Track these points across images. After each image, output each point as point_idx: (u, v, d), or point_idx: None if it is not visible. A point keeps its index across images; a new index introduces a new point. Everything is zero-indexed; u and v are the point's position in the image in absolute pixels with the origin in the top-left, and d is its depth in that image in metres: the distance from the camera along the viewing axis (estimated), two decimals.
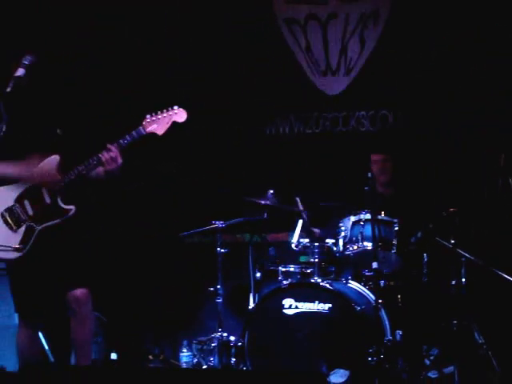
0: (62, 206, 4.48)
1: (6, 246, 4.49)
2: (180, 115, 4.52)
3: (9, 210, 4.52)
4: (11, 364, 5.40)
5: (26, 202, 4.50)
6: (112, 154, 4.38)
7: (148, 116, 4.48)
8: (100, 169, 4.46)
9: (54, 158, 4.43)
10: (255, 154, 6.56)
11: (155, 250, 6.49)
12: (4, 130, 3.96)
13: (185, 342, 6.17)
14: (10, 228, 4.50)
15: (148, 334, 6.62)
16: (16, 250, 4.50)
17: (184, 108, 4.51)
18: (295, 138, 6.64)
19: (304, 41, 6.63)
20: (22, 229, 4.50)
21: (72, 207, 4.50)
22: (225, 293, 5.79)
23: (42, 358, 5.03)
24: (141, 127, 4.46)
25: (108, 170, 4.43)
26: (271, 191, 5.72)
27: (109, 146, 4.40)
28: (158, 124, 4.46)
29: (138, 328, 6.56)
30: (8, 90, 4.07)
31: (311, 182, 6.30)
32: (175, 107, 4.52)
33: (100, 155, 4.39)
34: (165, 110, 4.52)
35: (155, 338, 6.57)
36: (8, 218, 4.51)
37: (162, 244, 6.48)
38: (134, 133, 4.45)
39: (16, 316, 5.81)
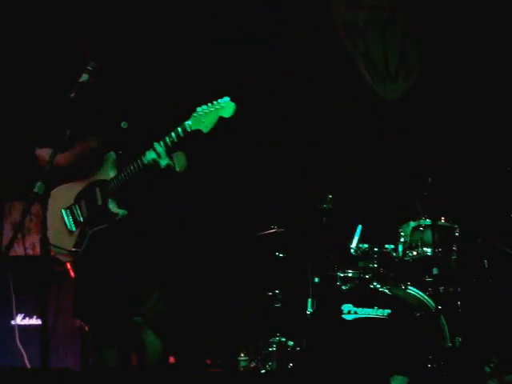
0: (111, 209, 4.30)
1: (60, 249, 4.39)
2: (227, 109, 4.08)
3: (69, 208, 4.40)
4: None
5: (83, 203, 4.37)
6: (152, 156, 4.17)
7: (197, 110, 4.12)
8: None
9: (111, 156, 4.31)
10: (315, 158, 6.56)
11: (213, 254, 6.51)
12: (68, 134, 3.95)
13: (243, 347, 6.19)
14: (67, 228, 4.39)
15: (206, 338, 6.65)
16: (70, 253, 4.39)
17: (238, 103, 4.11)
18: (354, 142, 6.62)
19: (363, 45, 6.63)
20: (77, 231, 4.38)
21: (119, 211, 4.30)
22: (283, 297, 5.81)
23: None
24: (186, 124, 4.12)
25: (154, 172, 4.21)
26: (330, 196, 5.72)
27: (154, 145, 4.18)
28: (203, 120, 4.10)
29: (196, 332, 6.59)
30: (72, 95, 4.09)
31: (371, 188, 6.28)
32: (221, 100, 4.10)
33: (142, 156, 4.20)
34: (210, 104, 4.12)
35: (213, 341, 6.60)
36: (66, 218, 4.40)
37: (219, 248, 6.50)
38: (178, 130, 4.14)
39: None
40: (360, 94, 6.62)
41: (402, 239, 5.60)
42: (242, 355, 6.14)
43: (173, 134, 4.13)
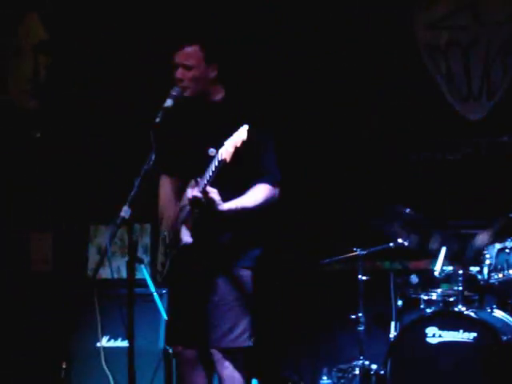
0: (180, 235, 4.28)
1: (156, 269, 4.48)
2: (239, 140, 3.92)
3: (165, 231, 4.46)
4: None
5: (172, 226, 4.39)
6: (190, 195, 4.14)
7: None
8: None
9: (191, 182, 4.23)
10: (397, 180, 6.51)
11: (295, 277, 6.50)
12: (153, 159, 4.00)
13: (325, 370, 6.16)
14: (161, 252, 4.48)
15: (288, 361, 6.64)
16: (159, 273, 4.47)
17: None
18: (437, 164, 6.56)
19: (445, 66, 6.58)
20: (163, 255, 4.45)
21: (184, 239, 4.26)
22: (366, 320, 5.77)
23: None
24: (219, 151, 3.97)
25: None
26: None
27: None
28: (227, 149, 3.94)
29: (278, 354, 6.59)
30: (157, 120, 4.14)
31: (454, 209, 6.22)
32: (239, 129, 3.95)
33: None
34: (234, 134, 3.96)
35: (295, 364, 6.59)
36: (163, 240, 4.47)
37: (302, 272, 6.48)
38: (215, 161, 4.01)
39: (161, 341, 5.98)
40: (442, 114, 6.56)
41: (487, 261, 5.52)
42: (325, 378, 6.10)
43: (213, 163, 4.04)
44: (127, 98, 6.75)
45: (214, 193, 4.10)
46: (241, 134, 3.94)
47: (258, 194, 4.31)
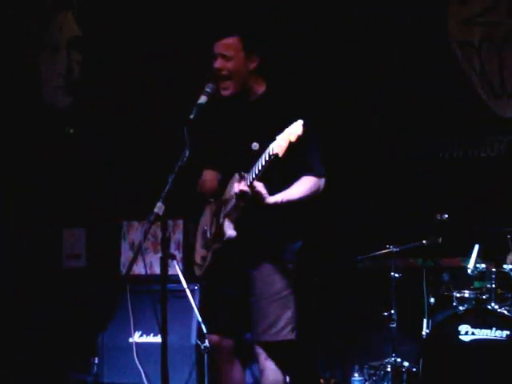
0: (223, 228, 4.25)
1: (195, 263, 4.49)
2: (293, 135, 3.91)
3: (206, 225, 4.46)
4: None
5: (214, 220, 4.38)
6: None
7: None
8: None
9: (235, 176, 4.22)
10: (427, 178, 6.49)
11: (329, 274, 6.50)
12: (187, 155, 4.01)
13: (356, 367, 6.15)
14: (202, 246, 4.48)
15: (320, 358, 6.64)
16: (198, 266, 4.48)
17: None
18: (469, 161, 6.53)
19: (478, 63, 6.54)
20: (204, 248, 4.44)
21: (228, 232, 4.24)
22: (398, 318, 5.76)
23: None
24: (270, 146, 3.96)
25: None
26: (445, 215, 5.65)
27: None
28: (279, 143, 3.92)
29: (310, 351, 6.58)
30: (191, 116, 4.15)
31: (486, 207, 6.18)
32: (294, 124, 3.93)
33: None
34: (287, 128, 3.95)
35: (327, 361, 6.59)
36: (203, 236, 4.47)
37: (336, 268, 6.47)
38: (266, 154, 4.00)
39: (193, 336, 6.01)
40: (475, 111, 6.52)
41: None
42: (357, 375, 6.09)
43: (263, 156, 4.02)
44: (162, 94, 6.78)
45: (261, 187, 4.09)
46: (296, 129, 3.92)
47: (303, 186, 4.29)
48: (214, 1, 6.73)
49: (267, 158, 3.99)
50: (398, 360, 5.72)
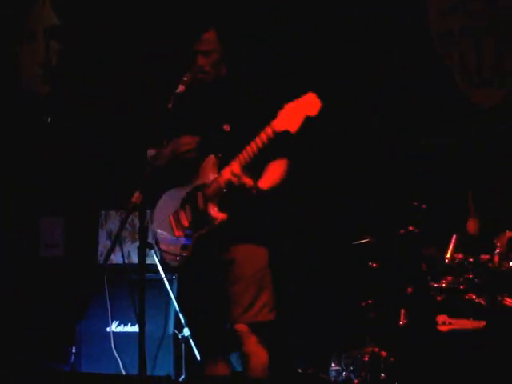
0: (211, 213, 4.25)
1: (170, 254, 4.41)
2: (312, 108, 3.92)
3: (175, 213, 4.41)
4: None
5: (187, 207, 4.35)
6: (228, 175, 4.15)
7: (284, 108, 4.00)
8: None
9: (210, 158, 4.28)
10: (409, 166, 6.49)
11: (307, 263, 6.50)
12: (166, 144, 4.02)
13: (334, 356, 6.15)
14: (172, 233, 4.40)
15: (297, 347, 6.65)
16: (178, 257, 4.40)
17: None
18: (449, 150, 6.54)
19: (457, 53, 6.55)
20: (182, 236, 4.38)
21: (218, 216, 4.24)
22: (376, 307, 5.77)
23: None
24: (273, 124, 4.00)
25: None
26: (424, 205, 5.66)
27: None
28: (290, 119, 3.94)
29: (287, 340, 6.59)
30: (169, 106, 4.16)
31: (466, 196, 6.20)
32: (305, 96, 3.95)
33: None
34: (296, 100, 3.98)
35: (304, 351, 6.59)
36: (173, 223, 4.41)
37: (313, 258, 6.47)
38: (267, 131, 4.03)
39: (171, 326, 6.00)
40: (453, 100, 6.53)
41: (498, 249, 5.51)
42: (334, 365, 6.10)
43: (263, 135, 4.05)
44: (140, 81, 6.75)
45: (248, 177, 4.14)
46: (312, 102, 3.96)
47: (281, 171, 4.33)
48: None
49: (272, 136, 3.99)
50: (376, 350, 5.73)
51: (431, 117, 6.51)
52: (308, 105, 3.96)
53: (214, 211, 4.23)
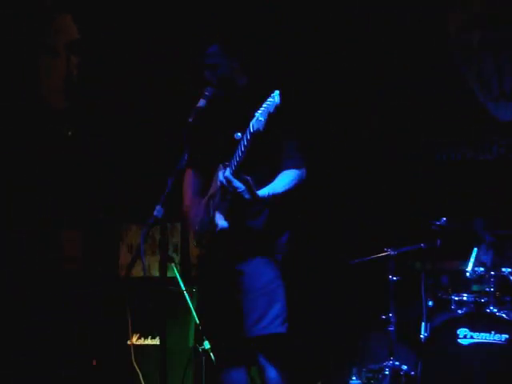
0: (215, 221, 4.24)
1: (192, 264, 4.49)
2: (272, 105, 3.89)
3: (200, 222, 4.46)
4: None
5: (205, 216, 4.39)
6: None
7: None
8: None
9: (219, 168, 4.25)
10: (426, 180, 6.49)
11: (326, 276, 6.49)
12: (186, 158, 4.03)
13: (354, 370, 6.14)
14: (195, 242, 4.45)
15: (317, 361, 6.63)
16: (194, 268, 4.49)
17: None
18: (467, 164, 6.53)
19: (476, 66, 6.54)
20: (198, 247, 4.44)
21: (220, 223, 4.23)
22: (397, 321, 5.75)
23: None
24: (250, 124, 3.96)
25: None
26: (444, 218, 5.65)
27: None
28: (260, 118, 3.92)
29: (307, 354, 6.58)
30: (190, 120, 4.17)
31: (484, 210, 6.18)
32: (271, 96, 3.91)
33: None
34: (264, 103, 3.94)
35: (325, 364, 6.58)
36: (195, 235, 4.46)
37: (332, 271, 6.46)
38: (245, 137, 4.00)
39: (191, 338, 6.00)
40: (473, 114, 6.52)
41: None
42: (354, 378, 6.08)
43: (244, 137, 4.03)
44: (161, 96, 6.78)
45: (248, 180, 4.11)
46: (274, 100, 3.93)
47: (286, 180, 4.31)
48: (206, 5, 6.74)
49: (248, 137, 3.98)
50: (397, 363, 5.71)
51: (449, 129, 6.51)
52: (270, 103, 3.92)
53: (218, 219, 4.24)
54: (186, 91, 4.54)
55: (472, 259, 5.51)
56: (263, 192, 4.20)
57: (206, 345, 5.51)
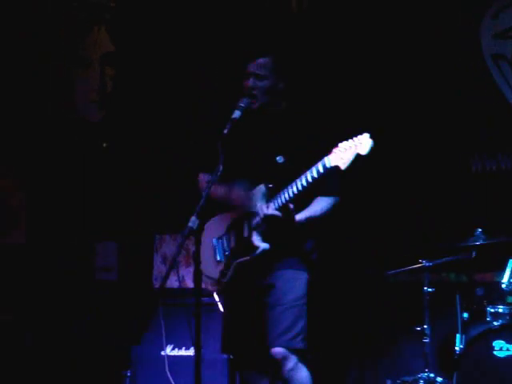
0: (254, 242, 4.31)
1: (208, 278, 4.46)
2: (363, 147, 3.96)
3: (220, 239, 4.50)
4: None
5: (232, 234, 4.44)
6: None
7: (338, 146, 4.05)
8: None
9: (260, 188, 4.35)
10: (462, 191, 6.44)
11: (359, 287, 6.47)
12: (221, 170, 4.04)
13: (389, 382, 6.10)
14: (215, 258, 4.49)
15: (351, 372, 6.61)
16: (216, 282, 4.47)
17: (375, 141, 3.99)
18: (503, 175, 6.48)
19: (511, 75, 6.50)
20: (224, 261, 4.46)
21: (260, 245, 4.30)
22: (431, 333, 5.72)
23: None
24: (325, 159, 4.06)
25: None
26: (479, 230, 5.61)
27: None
28: (342, 156, 4.00)
29: (341, 366, 6.56)
30: (225, 131, 4.20)
31: None
32: (360, 136, 4.00)
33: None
34: (350, 140, 4.03)
35: (358, 376, 6.56)
36: (216, 248, 4.50)
37: (367, 282, 6.44)
38: (318, 166, 4.09)
39: None
40: (509, 125, 6.47)
41: None
42: None
43: (314, 170, 4.11)
44: (192, 108, 6.81)
45: (286, 210, 4.22)
46: (365, 141, 3.99)
47: (322, 206, 4.41)
48: (246, 20, 6.75)
49: (321, 171, 4.05)
50: (431, 375, 5.67)
51: (483, 140, 6.46)
52: (360, 144, 3.99)
53: (257, 241, 4.31)
54: (220, 102, 4.54)
55: (508, 271, 5.45)
56: (301, 217, 4.31)
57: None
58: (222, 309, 5.78)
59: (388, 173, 6.53)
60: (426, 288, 5.71)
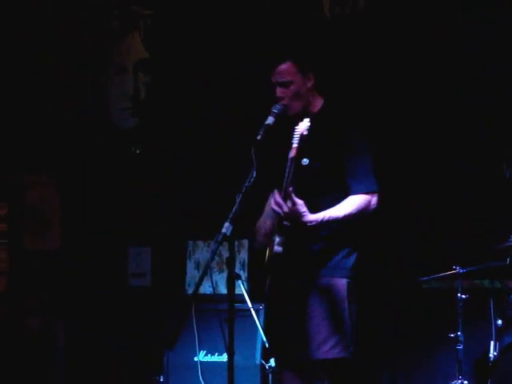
0: (274, 246, 4.29)
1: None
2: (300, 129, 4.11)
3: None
4: None
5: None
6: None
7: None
8: None
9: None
10: (495, 197, 6.41)
11: (393, 294, 6.45)
12: (254, 175, 4.04)
13: None
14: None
15: (384, 379, 6.59)
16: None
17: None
18: None
19: None
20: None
21: (276, 249, 4.28)
22: (465, 340, 5.69)
23: None
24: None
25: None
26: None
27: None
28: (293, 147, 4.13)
29: (374, 372, 6.54)
30: (258, 137, 4.19)
31: None
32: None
33: None
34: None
35: (391, 381, 6.54)
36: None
37: (401, 288, 6.42)
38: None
39: (258, 356, 6.01)
40: None
41: None
42: None
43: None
44: (229, 114, 6.83)
45: (300, 204, 4.16)
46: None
47: (349, 204, 4.29)
48: (268, 27, 6.75)
49: (289, 163, 4.15)
50: (465, 382, 5.64)
51: None
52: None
53: (276, 243, 4.29)
54: (256, 108, 4.52)
55: None
56: (318, 216, 4.22)
57: (273, 362, 5.52)
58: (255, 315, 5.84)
59: (422, 179, 6.51)
60: (459, 295, 5.68)
